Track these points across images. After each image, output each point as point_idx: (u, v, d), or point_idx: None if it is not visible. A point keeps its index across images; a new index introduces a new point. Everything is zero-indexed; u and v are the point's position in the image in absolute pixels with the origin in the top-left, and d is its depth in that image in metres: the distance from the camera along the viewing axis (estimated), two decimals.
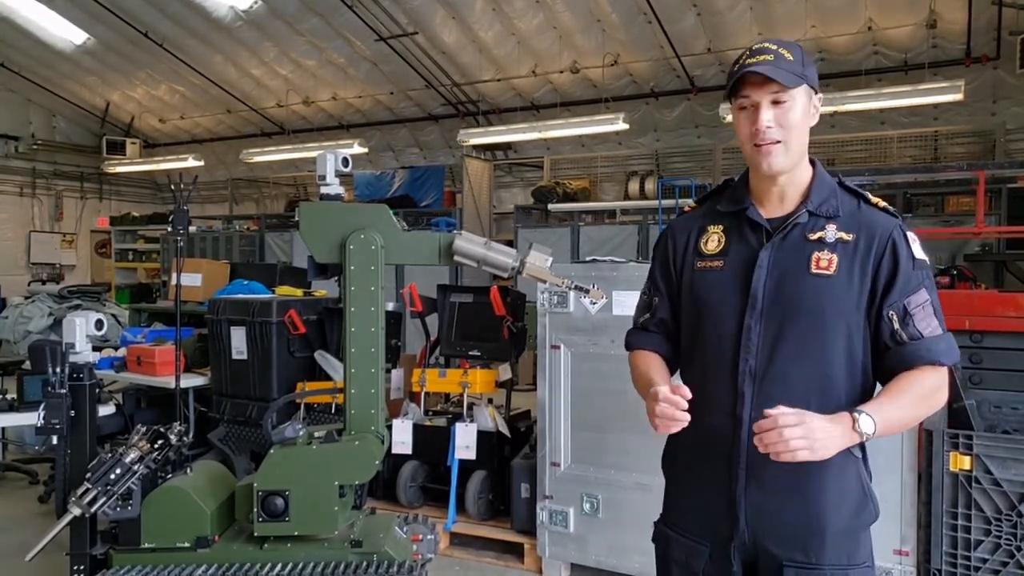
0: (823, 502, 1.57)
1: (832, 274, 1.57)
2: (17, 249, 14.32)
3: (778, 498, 1.58)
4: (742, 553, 1.61)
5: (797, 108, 1.58)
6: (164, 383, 4.77)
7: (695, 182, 8.13)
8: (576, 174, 11.13)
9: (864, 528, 1.64)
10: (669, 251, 1.79)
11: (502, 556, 3.95)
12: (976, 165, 6.22)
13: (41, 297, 8.59)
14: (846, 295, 1.57)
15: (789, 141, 1.58)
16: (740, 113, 1.62)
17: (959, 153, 8.95)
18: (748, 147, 1.61)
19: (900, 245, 1.59)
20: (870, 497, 1.64)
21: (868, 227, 1.60)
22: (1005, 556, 2.79)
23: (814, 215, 1.62)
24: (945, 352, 1.56)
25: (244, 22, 10.33)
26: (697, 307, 1.69)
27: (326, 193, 2.85)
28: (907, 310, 1.56)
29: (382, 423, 2.78)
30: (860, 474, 1.63)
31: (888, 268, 1.58)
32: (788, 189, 1.65)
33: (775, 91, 1.56)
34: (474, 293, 4.45)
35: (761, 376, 1.59)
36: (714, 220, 1.73)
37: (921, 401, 1.57)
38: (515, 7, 9.10)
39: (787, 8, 8.12)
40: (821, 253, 1.59)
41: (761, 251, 1.62)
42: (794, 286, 1.59)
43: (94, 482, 2.60)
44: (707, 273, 1.68)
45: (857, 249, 1.58)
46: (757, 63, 1.55)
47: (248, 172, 14.31)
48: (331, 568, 2.63)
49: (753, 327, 1.59)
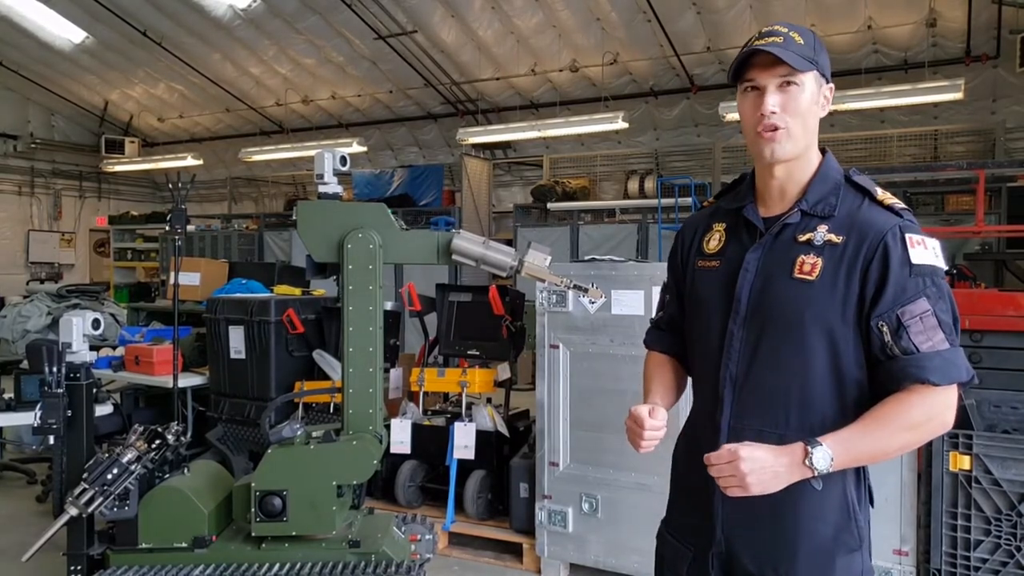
0: (796, 521, 1.47)
1: (814, 279, 1.45)
2: (16, 248, 14.31)
3: (751, 512, 1.49)
4: (721, 562, 1.55)
5: (805, 94, 1.48)
6: (162, 382, 4.76)
7: (694, 181, 8.12)
8: (575, 173, 11.13)
9: (843, 552, 1.48)
10: (679, 248, 1.74)
11: (501, 556, 3.94)
12: (976, 164, 6.22)
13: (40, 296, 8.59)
14: (828, 303, 1.44)
15: (793, 128, 1.47)
16: (744, 96, 1.52)
17: (959, 152, 8.95)
18: (751, 134, 1.51)
19: (893, 248, 1.42)
20: (854, 520, 1.49)
21: (861, 228, 1.45)
22: (1005, 556, 2.78)
23: (807, 215, 1.50)
24: (937, 369, 1.38)
25: (243, 21, 10.32)
26: (695, 307, 1.65)
27: (324, 192, 2.85)
28: (901, 321, 1.40)
29: (380, 423, 2.78)
30: (846, 494, 1.49)
31: (877, 274, 1.42)
32: (788, 185, 1.54)
33: (783, 74, 1.46)
34: (473, 292, 4.44)
35: (740, 384, 1.51)
36: (719, 218, 1.65)
37: (903, 430, 1.40)
38: (514, 6, 9.09)
39: (786, 6, 8.11)
40: (806, 257, 1.46)
41: (748, 252, 1.53)
42: (775, 291, 1.48)
43: (91, 482, 2.60)
44: (704, 273, 1.62)
45: (845, 252, 1.44)
46: (765, 44, 1.46)
47: (247, 171, 14.30)
48: (329, 568, 2.62)
49: (735, 332, 1.52)
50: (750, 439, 1.44)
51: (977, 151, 8.86)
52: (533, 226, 9.53)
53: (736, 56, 1.51)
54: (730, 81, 1.55)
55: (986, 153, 8.68)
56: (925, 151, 9.05)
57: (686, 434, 1.71)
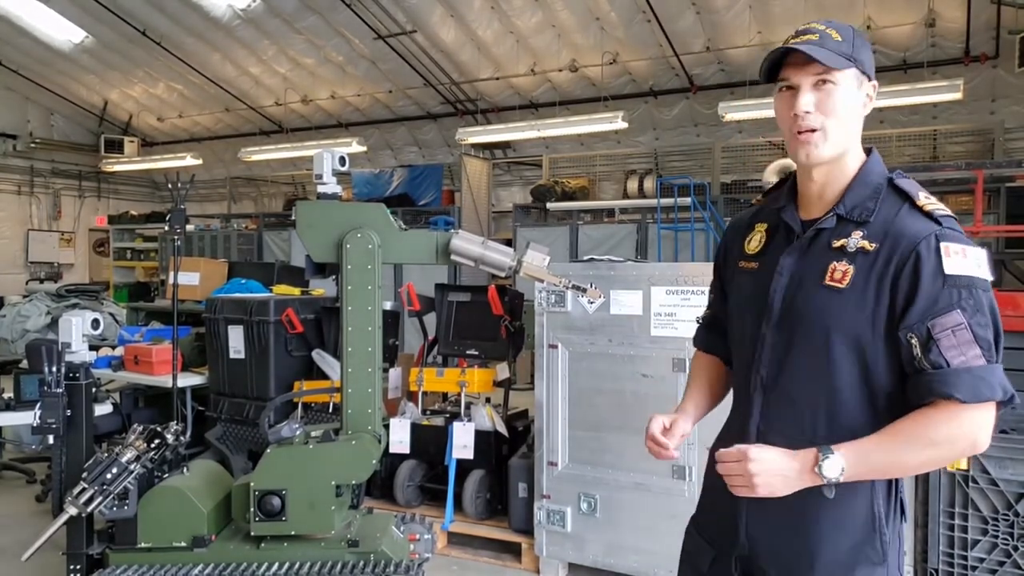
0: (816, 531, 1.45)
1: (844, 287, 1.40)
2: (15, 248, 14.31)
3: (773, 519, 1.48)
4: (743, 564, 1.55)
5: (841, 92, 1.42)
6: (161, 382, 4.76)
7: (694, 181, 8.12)
8: (575, 173, 11.12)
9: (864, 565, 1.43)
10: (723, 247, 1.72)
11: (500, 555, 3.94)
12: (975, 164, 6.22)
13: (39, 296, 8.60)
14: (857, 312, 1.39)
15: (830, 129, 1.42)
16: (780, 96, 1.48)
17: (958, 152, 8.94)
18: (788, 135, 1.47)
19: (926, 257, 1.35)
20: (880, 534, 1.44)
21: (896, 235, 1.39)
22: (1002, 555, 2.79)
23: (844, 219, 1.45)
24: (965, 386, 1.31)
25: (242, 20, 10.33)
26: (735, 309, 1.64)
27: (323, 192, 2.85)
28: (931, 334, 1.34)
29: (379, 422, 2.79)
30: (873, 505, 1.44)
31: (908, 284, 1.36)
32: (827, 188, 1.49)
33: (817, 72, 1.42)
34: (472, 292, 4.44)
35: (769, 389, 1.50)
36: (762, 217, 1.63)
37: (925, 446, 1.35)
38: (514, 5, 9.09)
39: (786, 6, 8.12)
40: (838, 263, 1.42)
41: (782, 256, 1.50)
42: (805, 298, 1.45)
43: (91, 481, 2.60)
44: (745, 273, 1.60)
45: (877, 261, 1.39)
46: (800, 42, 1.42)
47: (246, 171, 14.29)
48: (328, 567, 2.63)
49: (767, 337, 1.50)
50: (779, 445, 1.41)
51: (976, 151, 8.86)
52: (532, 226, 9.52)
53: (768, 55, 1.47)
54: (763, 80, 1.50)
55: (985, 153, 8.68)
56: (924, 151, 9.05)
57: (721, 436, 1.69)
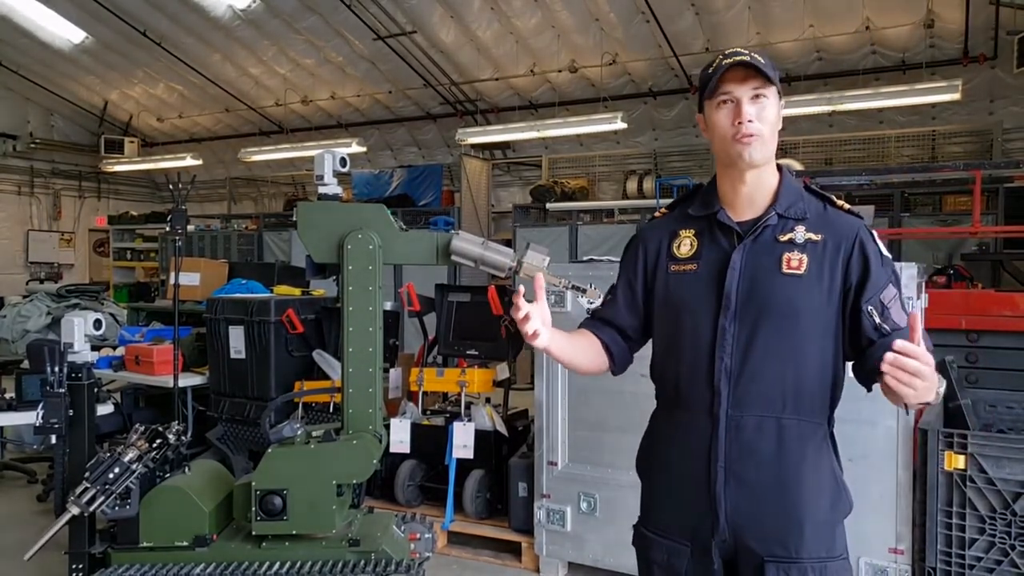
0: (801, 495, 1.61)
1: (803, 273, 1.61)
2: (15, 248, 14.30)
3: (757, 494, 1.61)
4: (722, 551, 1.64)
5: (772, 105, 1.63)
6: (162, 382, 4.77)
7: (693, 181, 8.13)
8: (574, 173, 11.13)
9: (840, 520, 1.67)
10: (640, 256, 1.82)
11: (500, 555, 3.96)
12: (973, 164, 6.22)
13: (39, 296, 8.59)
14: (817, 294, 1.61)
15: (766, 136, 1.62)
16: (719, 110, 1.64)
17: (956, 152, 8.95)
18: (727, 142, 1.63)
19: (868, 244, 1.63)
20: (843, 488, 1.68)
21: (835, 228, 1.65)
22: (999, 555, 2.80)
23: (783, 217, 1.66)
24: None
25: (242, 21, 10.32)
26: (675, 309, 1.72)
27: (324, 193, 2.86)
28: (883, 304, 1.59)
29: (380, 422, 2.79)
30: (833, 466, 1.67)
31: (859, 266, 1.62)
32: (756, 193, 1.68)
33: (755, 87, 1.60)
34: (472, 292, 4.45)
35: (737, 375, 1.62)
36: (686, 224, 1.76)
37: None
38: (513, 6, 9.10)
39: (784, 7, 8.13)
40: (791, 253, 1.63)
41: (733, 253, 1.65)
42: (766, 286, 1.62)
43: (92, 481, 2.61)
44: (682, 276, 1.72)
45: (826, 249, 1.62)
46: (736, 61, 1.60)
47: (246, 171, 14.29)
48: (329, 567, 2.64)
49: (728, 327, 1.63)
50: (751, 425, 1.61)
51: (974, 151, 8.87)
52: (532, 226, 9.53)
53: (705, 77, 1.64)
54: (702, 97, 1.67)
55: (983, 153, 8.69)
56: (923, 151, 9.06)
57: (660, 439, 1.77)
